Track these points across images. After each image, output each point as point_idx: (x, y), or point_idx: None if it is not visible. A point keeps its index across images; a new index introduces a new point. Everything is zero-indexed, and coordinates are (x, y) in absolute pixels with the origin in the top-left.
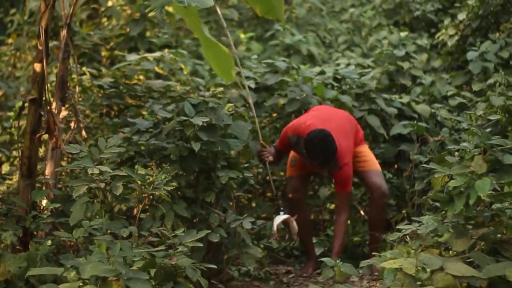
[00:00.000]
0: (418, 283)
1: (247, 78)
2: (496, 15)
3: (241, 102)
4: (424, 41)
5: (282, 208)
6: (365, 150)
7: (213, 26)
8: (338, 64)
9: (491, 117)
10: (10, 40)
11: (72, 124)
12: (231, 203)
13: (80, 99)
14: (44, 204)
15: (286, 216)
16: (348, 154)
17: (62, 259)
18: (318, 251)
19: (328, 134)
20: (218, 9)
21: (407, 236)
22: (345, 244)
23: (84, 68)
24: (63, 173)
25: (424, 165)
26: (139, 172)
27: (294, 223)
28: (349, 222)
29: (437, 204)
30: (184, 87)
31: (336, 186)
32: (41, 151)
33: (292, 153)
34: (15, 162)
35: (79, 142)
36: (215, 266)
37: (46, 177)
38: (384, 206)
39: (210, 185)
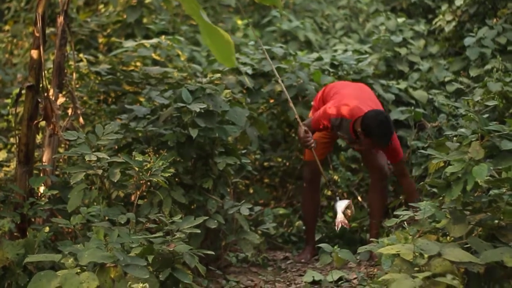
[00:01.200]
0: (416, 268)
1: (244, 64)
2: (493, 0)
3: (238, 88)
4: (421, 27)
5: (337, 193)
6: None
7: (210, 12)
8: (336, 50)
9: (489, 103)
10: (7, 27)
11: (69, 111)
12: (228, 190)
13: (77, 86)
14: (41, 191)
15: (347, 201)
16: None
17: (60, 246)
18: (316, 237)
19: (387, 115)
20: None
21: (405, 222)
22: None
23: (81, 55)
24: (61, 160)
25: (422, 151)
26: (136, 158)
27: (352, 208)
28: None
29: (435, 190)
30: (181, 73)
31: (390, 158)
32: (39, 138)
33: (315, 135)
34: (13, 149)
35: (77, 129)
36: (213, 253)
37: (43, 164)
38: (384, 190)
39: (208, 172)
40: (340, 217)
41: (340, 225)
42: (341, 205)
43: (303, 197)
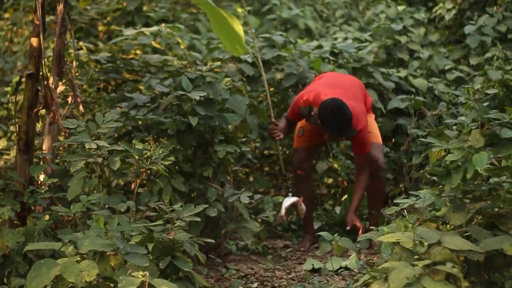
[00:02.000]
0: (416, 257)
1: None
2: None
3: (238, 76)
4: (421, 15)
5: (291, 189)
6: (370, 121)
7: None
8: (336, 38)
9: (489, 91)
10: (6, 15)
11: (69, 99)
12: (228, 178)
13: (77, 74)
14: (41, 179)
15: (294, 198)
16: (362, 117)
17: (60, 234)
18: (316, 225)
19: (341, 103)
20: None
21: (405, 210)
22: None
23: (81, 43)
24: (61, 148)
25: (422, 139)
26: (136, 146)
27: (303, 205)
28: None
29: (435, 178)
30: (181, 61)
31: (354, 150)
32: (39, 126)
33: (299, 123)
34: (13, 137)
35: (77, 117)
36: (213, 241)
37: (43, 152)
38: (381, 180)
39: (208, 160)
40: (281, 212)
41: (279, 219)
42: (287, 201)
43: (296, 185)
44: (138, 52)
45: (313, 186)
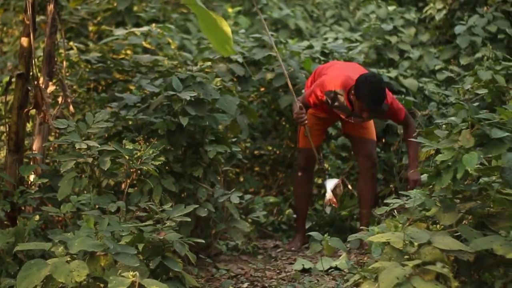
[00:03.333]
0: (406, 256)
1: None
2: None
3: (228, 76)
4: (412, 15)
5: (327, 172)
6: None
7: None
8: (326, 39)
9: (479, 91)
10: None
11: (59, 99)
12: (219, 178)
13: (67, 74)
14: (31, 179)
15: (336, 180)
16: (389, 92)
17: (50, 234)
18: (306, 225)
19: (381, 79)
20: None
21: (395, 210)
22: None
23: (71, 43)
24: (51, 148)
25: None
26: (126, 147)
27: (341, 187)
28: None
29: (425, 178)
30: (172, 61)
31: (394, 119)
32: (29, 126)
33: (308, 122)
34: (3, 137)
35: (67, 117)
36: (203, 241)
37: (33, 152)
38: (373, 178)
39: (198, 160)
40: (328, 195)
41: (328, 204)
42: (330, 183)
43: (296, 185)
44: (128, 52)
45: (312, 187)
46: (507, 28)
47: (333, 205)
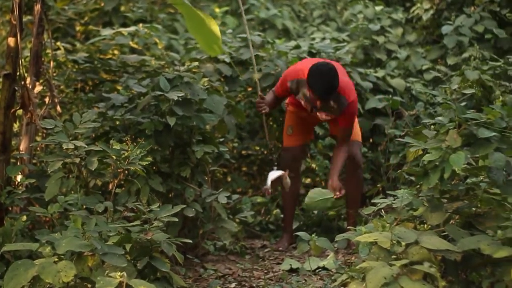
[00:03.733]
0: (393, 256)
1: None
2: None
3: (216, 76)
4: (399, 15)
5: (276, 163)
6: None
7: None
8: (313, 39)
9: (466, 91)
10: None
11: (46, 99)
12: (206, 178)
13: (54, 74)
14: (19, 180)
15: (280, 172)
16: (353, 91)
17: (37, 235)
18: (294, 225)
19: (332, 67)
20: None
21: (382, 210)
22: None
23: (58, 43)
24: (38, 149)
25: (399, 139)
26: (114, 147)
27: (288, 179)
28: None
29: (412, 178)
30: (159, 61)
31: (341, 122)
32: (16, 126)
33: (288, 121)
34: None
35: (54, 117)
36: (191, 241)
37: (20, 152)
38: (359, 179)
39: (186, 160)
40: (267, 185)
41: (264, 192)
42: (272, 174)
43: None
44: (115, 52)
45: (299, 186)
46: (494, 28)
47: (266, 194)
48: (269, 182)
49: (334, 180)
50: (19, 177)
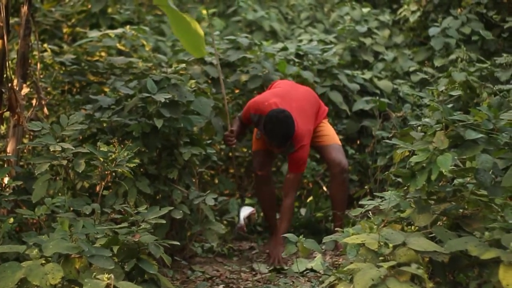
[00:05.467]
0: (381, 258)
1: (210, 54)
2: None
3: (203, 78)
4: (386, 17)
5: (244, 197)
6: (325, 125)
7: (175, 2)
8: (301, 40)
9: (453, 93)
10: None
11: (33, 101)
12: (194, 180)
13: (41, 76)
14: (6, 182)
15: (251, 209)
16: (306, 137)
17: (24, 237)
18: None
19: (288, 116)
20: None
21: (370, 212)
22: (291, 226)
23: (45, 45)
24: (25, 151)
25: (387, 141)
26: (101, 149)
27: (255, 215)
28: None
29: (400, 179)
30: (146, 63)
31: (289, 167)
32: (3, 128)
33: (253, 146)
34: None
35: (41, 119)
36: (178, 243)
37: (7, 154)
38: (345, 182)
39: (173, 162)
40: (240, 223)
41: (239, 230)
42: (244, 212)
43: (256, 188)
44: (103, 54)
45: (273, 188)
46: (481, 30)
47: (242, 232)
48: (242, 221)
49: (277, 245)
50: (6, 179)
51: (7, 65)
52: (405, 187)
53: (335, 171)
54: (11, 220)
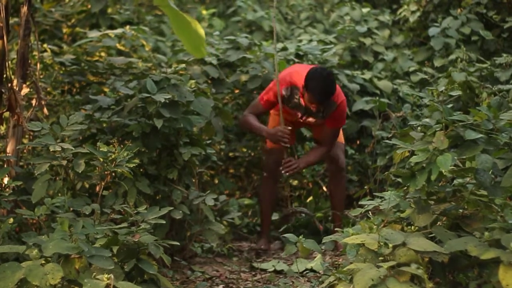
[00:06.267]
0: (381, 258)
1: (210, 54)
2: None
3: (203, 78)
4: (386, 17)
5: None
6: None
7: (175, 2)
8: (300, 41)
9: (453, 93)
10: None
11: (33, 102)
12: (193, 180)
13: (41, 76)
14: (5, 182)
15: None
16: (341, 93)
17: (24, 237)
18: (281, 227)
19: (330, 72)
20: None
21: (370, 212)
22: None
23: (45, 45)
24: (25, 151)
25: (386, 141)
26: (101, 149)
27: None
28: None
29: (399, 179)
30: (146, 63)
31: (329, 123)
32: (2, 128)
33: (272, 124)
34: None
35: (41, 120)
36: (178, 243)
37: (7, 154)
38: (342, 180)
39: (173, 162)
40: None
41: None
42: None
43: (262, 187)
44: (102, 54)
45: (277, 189)
46: (481, 30)
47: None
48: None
49: (299, 162)
50: (6, 180)
51: (7, 65)
52: (405, 187)
53: (332, 168)
54: (11, 220)
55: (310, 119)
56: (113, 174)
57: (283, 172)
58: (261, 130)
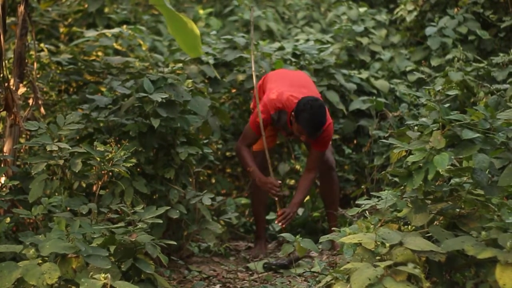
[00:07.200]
0: (377, 257)
1: (206, 54)
2: None
3: (200, 78)
4: (383, 17)
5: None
6: None
7: (171, 1)
8: (297, 40)
9: (450, 92)
10: None
11: (30, 101)
12: (190, 179)
13: (38, 76)
14: (2, 181)
15: None
16: (328, 115)
17: (21, 237)
18: (278, 227)
19: (322, 104)
20: None
21: (367, 211)
22: (304, 201)
23: (42, 45)
24: (22, 150)
25: (383, 141)
26: (98, 148)
27: None
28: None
29: (396, 179)
30: (143, 63)
31: (314, 145)
32: None
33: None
34: None
35: (38, 119)
36: (175, 243)
37: (4, 154)
38: (333, 180)
39: (170, 162)
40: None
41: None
42: None
43: (251, 189)
44: (99, 53)
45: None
46: (478, 29)
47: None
48: None
49: (291, 208)
50: (2, 179)
51: (4, 64)
52: (402, 187)
53: (323, 168)
54: (8, 219)
55: (293, 137)
56: (110, 173)
57: (280, 225)
58: (254, 174)
